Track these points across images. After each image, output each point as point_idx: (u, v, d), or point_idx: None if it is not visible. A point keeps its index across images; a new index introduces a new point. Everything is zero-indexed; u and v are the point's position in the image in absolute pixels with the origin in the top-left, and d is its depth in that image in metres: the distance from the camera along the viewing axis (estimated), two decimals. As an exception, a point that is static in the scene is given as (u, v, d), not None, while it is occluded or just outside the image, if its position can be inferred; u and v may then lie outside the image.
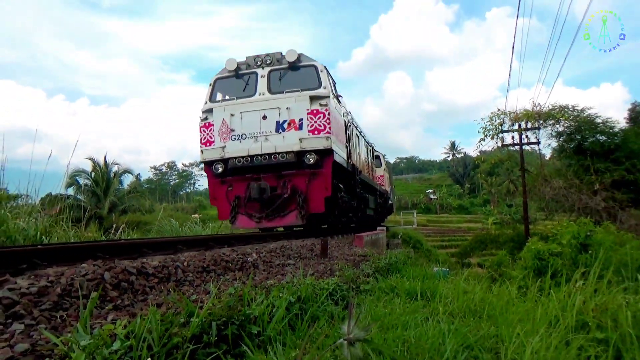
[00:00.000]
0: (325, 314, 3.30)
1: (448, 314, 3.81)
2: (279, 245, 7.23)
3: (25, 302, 2.53)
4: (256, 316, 2.62)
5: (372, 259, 7.27)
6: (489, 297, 4.66)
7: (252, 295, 3.00)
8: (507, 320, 3.62)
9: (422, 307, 4.18)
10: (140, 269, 3.74)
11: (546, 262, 8.27)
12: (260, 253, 6.13)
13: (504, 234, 29.42)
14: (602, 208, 23.39)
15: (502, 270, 12.25)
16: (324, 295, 3.74)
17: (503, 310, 4.06)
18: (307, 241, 9.01)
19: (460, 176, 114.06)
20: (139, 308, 2.93)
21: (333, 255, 7.65)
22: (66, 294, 2.81)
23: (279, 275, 4.96)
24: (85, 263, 3.53)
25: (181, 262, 4.38)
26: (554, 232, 10.05)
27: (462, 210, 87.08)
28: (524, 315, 3.92)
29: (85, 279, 3.05)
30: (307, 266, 5.80)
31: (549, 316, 3.97)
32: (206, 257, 4.95)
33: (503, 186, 73.11)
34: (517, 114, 27.84)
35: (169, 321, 2.16)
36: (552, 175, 28.05)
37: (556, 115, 26.73)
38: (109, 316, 2.61)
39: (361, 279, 5.34)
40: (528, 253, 9.11)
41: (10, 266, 3.43)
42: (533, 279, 6.64)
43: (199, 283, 4.02)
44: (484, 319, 3.79)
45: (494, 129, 29.14)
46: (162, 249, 5.74)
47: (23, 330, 2.25)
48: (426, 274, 6.39)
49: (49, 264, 3.73)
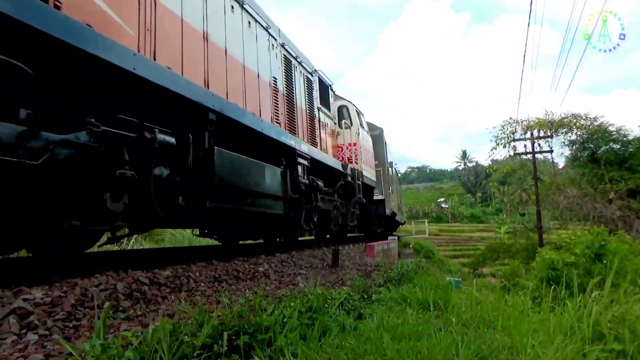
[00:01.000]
0: (336, 324, 3.28)
1: (461, 325, 3.77)
2: (290, 255, 7.22)
3: (39, 312, 2.55)
4: (267, 326, 2.61)
5: (383, 269, 7.23)
6: (503, 308, 4.61)
7: (263, 305, 3.00)
8: (522, 331, 3.57)
9: (435, 317, 4.14)
10: (153, 279, 3.76)
11: (560, 272, 8.16)
12: (271, 263, 6.12)
13: (517, 243, 29.01)
14: (618, 217, 23.03)
15: (516, 280, 12.10)
16: (335, 305, 3.73)
17: (517, 321, 4.00)
18: (318, 251, 8.99)
19: (472, 185, 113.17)
20: (151, 318, 2.94)
21: (344, 265, 7.61)
22: (79, 304, 2.83)
23: (290, 285, 4.95)
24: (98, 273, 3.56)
25: (193, 272, 4.40)
26: (567, 242, 9.91)
27: (474, 219, 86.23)
28: (539, 326, 3.86)
29: (99, 289, 3.08)
30: (319, 276, 5.78)
31: (564, 327, 3.91)
32: (217, 267, 4.96)
33: (515, 195, 72.30)
34: (529, 122, 27.65)
35: (179, 331, 2.16)
36: (565, 184, 27.73)
37: (569, 124, 26.48)
38: (121, 326, 2.63)
39: (373, 289, 5.31)
40: (541, 263, 9.00)
41: (25, 276, 3.46)
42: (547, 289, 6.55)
43: (211, 293, 4.03)
44: (498, 329, 3.74)
45: (505, 137, 28.96)
46: (175, 259, 5.76)
47: (37, 340, 2.27)
48: (438, 284, 6.33)
49: (63, 273, 3.76)
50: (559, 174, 30.73)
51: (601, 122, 26.36)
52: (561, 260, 8.56)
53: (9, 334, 2.29)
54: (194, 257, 5.54)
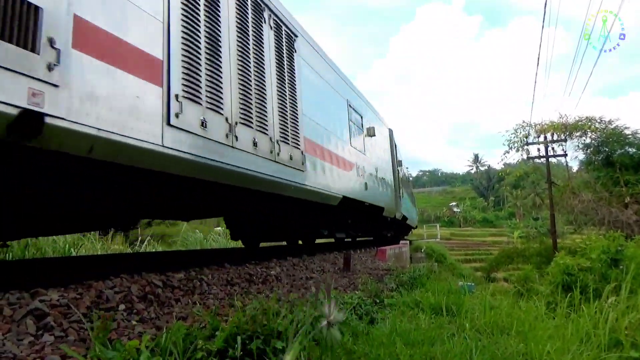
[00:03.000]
0: (349, 329, 3.27)
1: (475, 330, 3.74)
2: (301, 259, 7.23)
3: (55, 314, 2.58)
4: (280, 331, 2.61)
5: (395, 273, 7.20)
6: (517, 313, 4.56)
7: (276, 309, 3.00)
8: (537, 337, 3.53)
9: (448, 322, 4.11)
10: (166, 281, 3.78)
11: (575, 277, 8.06)
12: (283, 266, 6.13)
13: (530, 247, 28.70)
14: (634, 221, 22.67)
15: (529, 285, 11.97)
16: (347, 310, 3.72)
17: (532, 327, 3.96)
18: (329, 255, 8.98)
19: (484, 189, 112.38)
20: (165, 321, 2.96)
21: (356, 269, 7.59)
22: (95, 305, 2.86)
23: (302, 289, 4.95)
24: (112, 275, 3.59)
25: (205, 274, 4.42)
26: (583, 247, 9.79)
27: (486, 223, 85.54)
28: (554, 332, 3.82)
29: (113, 291, 3.11)
30: (330, 280, 5.77)
31: (580, 333, 3.86)
32: (230, 270, 4.98)
33: (529, 199, 71.65)
34: (543, 126, 27.37)
35: (193, 335, 2.17)
36: (579, 187, 27.38)
37: (583, 127, 26.15)
38: (136, 328, 2.65)
39: (385, 293, 5.29)
40: (556, 268, 8.90)
41: (41, 278, 3.52)
42: (562, 295, 6.47)
43: (223, 296, 4.04)
44: (512, 335, 3.70)
45: (518, 141, 28.69)
46: (187, 262, 5.80)
47: (53, 342, 2.29)
48: (451, 289, 6.28)
49: (79, 275, 3.80)
50: (573, 178, 30.36)
51: (616, 126, 26.03)
52: (576, 265, 8.45)
53: (26, 335, 2.31)
54: (206, 260, 5.58)
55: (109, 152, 3.37)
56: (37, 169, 3.43)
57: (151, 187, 4.46)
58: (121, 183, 4.13)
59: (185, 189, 4.95)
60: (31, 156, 3.10)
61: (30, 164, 3.28)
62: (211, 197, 5.47)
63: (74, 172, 3.58)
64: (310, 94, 7.47)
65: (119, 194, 4.31)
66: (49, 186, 3.70)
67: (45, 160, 3.22)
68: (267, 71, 5.88)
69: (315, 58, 8.07)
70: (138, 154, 3.58)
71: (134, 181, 4.14)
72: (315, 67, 7.98)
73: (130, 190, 4.35)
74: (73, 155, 3.15)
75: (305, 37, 7.60)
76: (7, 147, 2.86)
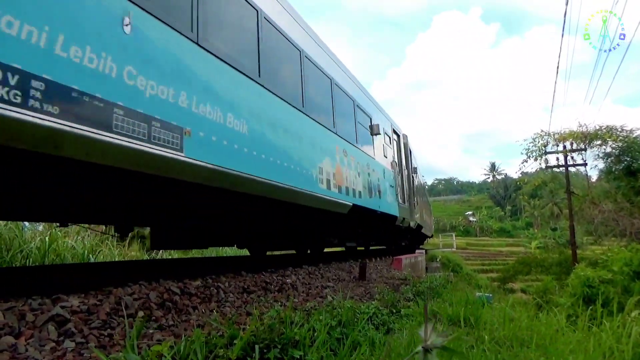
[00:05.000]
0: (366, 340, 3.24)
1: (494, 342, 3.67)
2: (317, 267, 7.21)
3: (76, 320, 2.61)
4: (297, 340, 2.60)
5: (412, 283, 7.13)
6: (537, 326, 4.47)
7: (292, 317, 3.00)
8: (558, 350, 3.46)
9: (466, 334, 4.04)
10: (183, 288, 3.81)
11: (596, 290, 7.89)
12: (298, 274, 6.13)
13: (549, 257, 28.21)
14: (658, 233, 22.14)
15: (549, 297, 11.76)
16: (364, 320, 3.69)
17: (553, 340, 3.88)
18: (345, 264, 8.95)
19: (501, 198, 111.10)
20: (183, 328, 2.97)
21: (371, 278, 7.55)
22: (114, 312, 2.89)
23: (318, 298, 4.93)
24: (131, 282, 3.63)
25: (222, 282, 4.44)
26: (604, 258, 9.60)
27: (503, 233, 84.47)
28: (576, 346, 3.74)
29: (132, 298, 3.13)
30: (346, 289, 5.74)
31: (603, 347, 3.77)
32: (246, 278, 4.99)
33: (547, 209, 70.70)
34: (562, 134, 26.98)
35: (212, 343, 2.18)
36: (600, 197, 26.88)
37: (604, 136, 25.71)
38: (154, 336, 2.66)
39: (402, 303, 5.24)
40: (576, 280, 8.73)
41: (61, 284, 3.56)
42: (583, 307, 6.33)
43: (240, 304, 4.05)
44: (532, 348, 3.62)
45: (537, 150, 28.31)
46: (204, 269, 5.84)
47: (74, 348, 2.32)
48: (468, 299, 6.20)
49: (98, 282, 3.85)
50: (593, 187, 29.82)
51: (638, 135, 25.54)
52: (597, 277, 8.28)
53: (48, 341, 2.34)
54: (223, 268, 5.60)
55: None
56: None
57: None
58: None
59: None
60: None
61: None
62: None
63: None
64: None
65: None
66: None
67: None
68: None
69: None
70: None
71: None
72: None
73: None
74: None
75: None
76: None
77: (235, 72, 4.90)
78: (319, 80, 7.63)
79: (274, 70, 5.93)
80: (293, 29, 6.65)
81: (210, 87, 4.41)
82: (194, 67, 4.20)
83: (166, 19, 3.84)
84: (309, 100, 6.84)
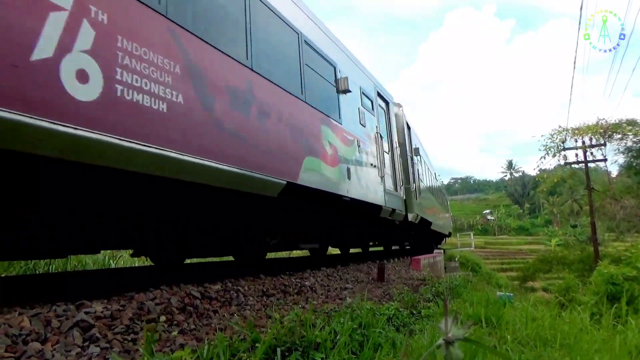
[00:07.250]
0: (387, 341, 3.23)
1: (517, 342, 3.63)
2: (335, 269, 7.21)
3: (100, 325, 2.65)
4: (318, 342, 2.61)
5: (431, 283, 7.08)
6: (560, 325, 4.40)
7: (313, 320, 3.00)
8: (583, 350, 3.40)
9: (488, 334, 4.00)
10: (204, 292, 3.84)
11: (620, 287, 7.74)
12: (317, 277, 6.13)
13: (571, 254, 27.71)
14: (681, 228, 21.65)
15: (571, 295, 11.56)
16: (383, 321, 3.68)
17: (577, 339, 3.82)
18: (363, 265, 8.93)
19: (519, 196, 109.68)
20: (204, 332, 2.99)
21: (390, 279, 7.52)
22: (137, 317, 2.92)
23: (337, 300, 4.93)
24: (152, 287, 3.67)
25: (241, 286, 4.46)
26: (628, 255, 9.40)
27: (522, 231, 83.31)
28: (601, 345, 3.67)
29: (154, 303, 3.17)
30: (365, 290, 5.73)
31: (629, 346, 3.70)
32: (265, 281, 5.01)
33: (566, 206, 69.64)
34: (581, 129, 26.53)
35: (235, 347, 2.20)
36: (621, 193, 26.37)
37: (624, 129, 25.22)
38: (176, 340, 2.69)
39: (421, 304, 5.21)
40: (599, 277, 8.57)
41: (84, 290, 3.62)
42: (607, 305, 6.21)
43: (260, 307, 4.07)
44: (556, 348, 3.57)
45: (555, 146, 27.91)
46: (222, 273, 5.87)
47: (99, 353, 2.35)
48: (489, 299, 6.13)
49: (121, 287, 3.90)
50: (613, 183, 29.28)
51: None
52: (621, 274, 8.12)
53: (74, 346, 2.38)
54: (242, 271, 5.63)
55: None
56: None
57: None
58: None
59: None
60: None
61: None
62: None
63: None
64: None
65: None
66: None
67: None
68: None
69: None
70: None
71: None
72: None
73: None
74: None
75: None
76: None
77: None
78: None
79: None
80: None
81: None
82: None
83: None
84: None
